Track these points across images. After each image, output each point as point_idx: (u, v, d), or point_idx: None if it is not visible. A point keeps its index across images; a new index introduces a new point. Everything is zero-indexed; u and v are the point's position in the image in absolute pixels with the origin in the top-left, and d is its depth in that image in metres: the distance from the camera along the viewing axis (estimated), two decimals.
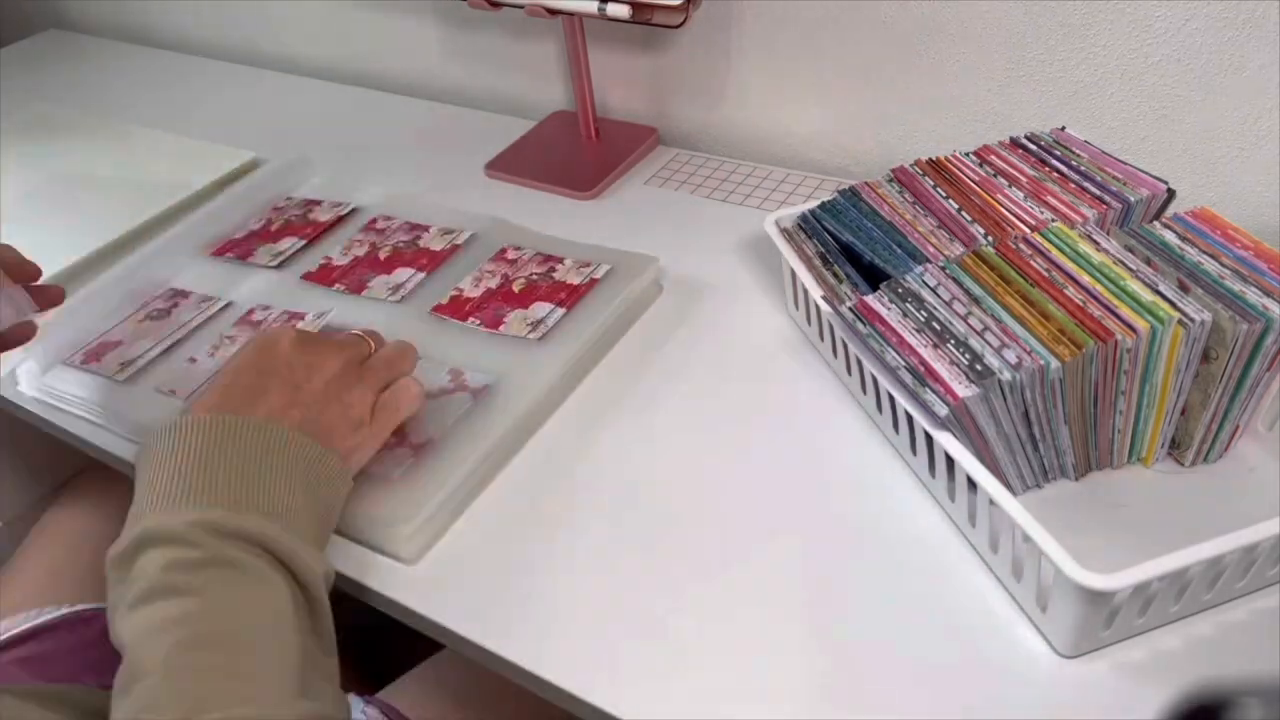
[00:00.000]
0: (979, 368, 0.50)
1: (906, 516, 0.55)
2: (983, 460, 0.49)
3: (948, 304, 0.55)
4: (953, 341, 0.52)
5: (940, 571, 0.52)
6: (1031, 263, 0.55)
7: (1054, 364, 0.49)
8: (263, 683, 0.41)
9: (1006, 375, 0.49)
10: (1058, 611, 0.46)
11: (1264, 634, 0.47)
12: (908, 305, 0.55)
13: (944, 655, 0.48)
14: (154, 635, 0.42)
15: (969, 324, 0.53)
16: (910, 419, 0.54)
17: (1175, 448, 0.56)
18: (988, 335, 0.52)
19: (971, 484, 0.50)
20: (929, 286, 0.56)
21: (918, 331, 0.54)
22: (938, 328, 0.54)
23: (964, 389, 0.50)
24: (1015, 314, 0.52)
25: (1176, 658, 0.47)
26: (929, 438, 0.52)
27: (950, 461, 0.51)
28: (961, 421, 0.51)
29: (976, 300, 0.54)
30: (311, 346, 0.55)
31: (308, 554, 0.47)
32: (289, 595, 0.45)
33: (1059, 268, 0.54)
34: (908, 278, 0.57)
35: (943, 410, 0.49)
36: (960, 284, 0.55)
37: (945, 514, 0.55)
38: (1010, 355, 0.50)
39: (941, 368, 0.52)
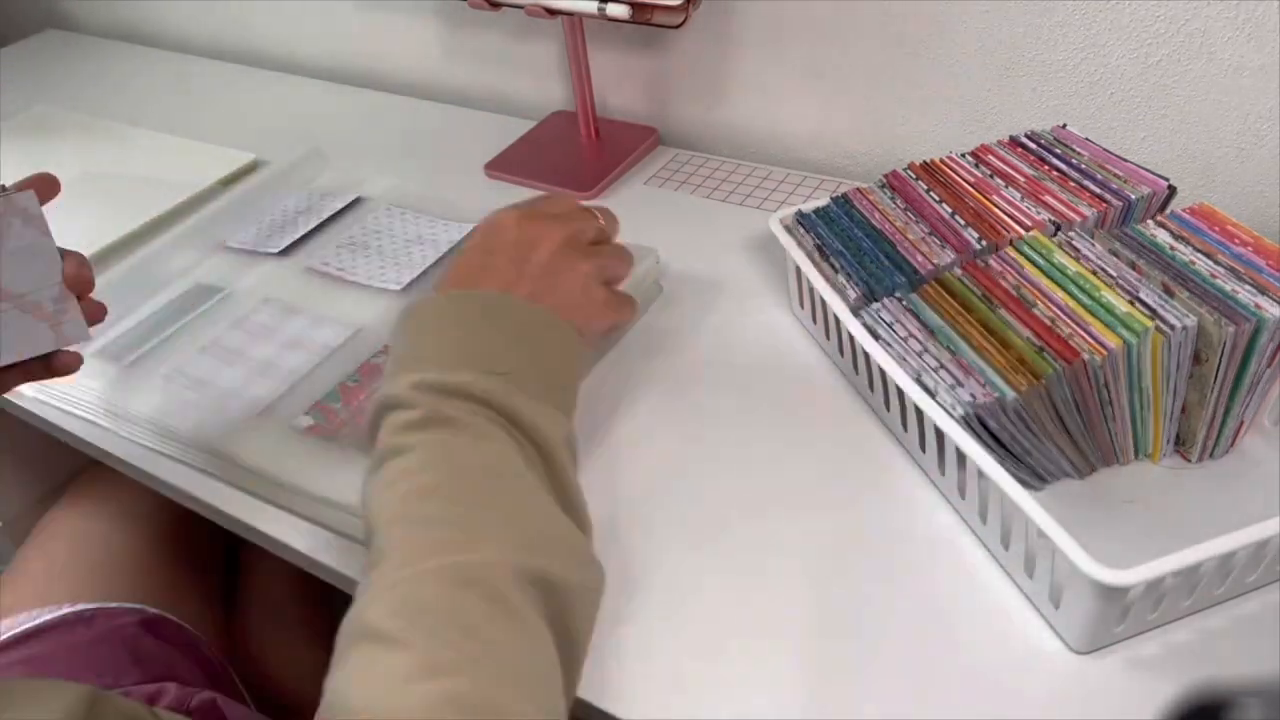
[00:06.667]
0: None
1: (916, 514, 0.55)
2: None
3: (903, 340, 0.54)
4: None
5: (951, 568, 0.52)
6: (1000, 281, 0.55)
7: (1010, 395, 0.49)
8: (482, 533, 0.41)
9: (959, 413, 0.49)
10: (1071, 607, 0.46)
11: (1276, 628, 0.47)
12: None
13: (956, 652, 0.48)
14: (381, 494, 0.43)
15: (923, 361, 0.53)
16: (920, 416, 0.54)
17: (1180, 444, 0.56)
18: (941, 373, 0.51)
19: (982, 480, 0.50)
20: (885, 323, 0.56)
21: None
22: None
23: None
24: (974, 344, 0.52)
25: (1189, 652, 0.47)
26: (939, 434, 0.52)
27: (960, 458, 0.51)
28: None
29: (934, 333, 0.54)
30: (534, 223, 0.56)
31: (535, 410, 0.47)
32: (515, 449, 0.46)
33: (1030, 283, 0.54)
34: (863, 314, 0.57)
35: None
36: (918, 316, 0.55)
37: (954, 511, 0.55)
38: (964, 393, 0.50)
39: None
